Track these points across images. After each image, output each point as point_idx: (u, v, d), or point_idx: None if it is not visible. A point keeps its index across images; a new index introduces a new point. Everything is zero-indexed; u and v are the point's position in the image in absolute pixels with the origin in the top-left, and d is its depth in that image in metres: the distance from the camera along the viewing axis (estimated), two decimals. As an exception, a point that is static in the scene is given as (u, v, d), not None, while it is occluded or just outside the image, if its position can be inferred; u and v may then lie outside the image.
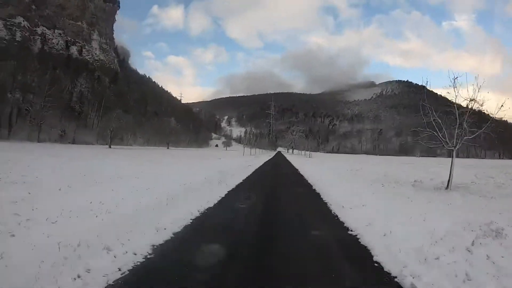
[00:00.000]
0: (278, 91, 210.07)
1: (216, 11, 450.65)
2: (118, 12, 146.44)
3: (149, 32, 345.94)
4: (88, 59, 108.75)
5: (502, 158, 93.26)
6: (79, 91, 77.92)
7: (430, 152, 79.83)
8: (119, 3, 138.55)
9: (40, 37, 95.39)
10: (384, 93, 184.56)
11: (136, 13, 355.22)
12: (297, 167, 22.74)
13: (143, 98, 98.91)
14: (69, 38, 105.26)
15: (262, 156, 48.10)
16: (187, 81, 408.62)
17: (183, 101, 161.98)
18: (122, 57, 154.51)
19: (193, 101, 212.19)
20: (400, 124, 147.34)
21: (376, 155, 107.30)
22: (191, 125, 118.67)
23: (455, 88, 9.69)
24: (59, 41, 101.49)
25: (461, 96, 9.74)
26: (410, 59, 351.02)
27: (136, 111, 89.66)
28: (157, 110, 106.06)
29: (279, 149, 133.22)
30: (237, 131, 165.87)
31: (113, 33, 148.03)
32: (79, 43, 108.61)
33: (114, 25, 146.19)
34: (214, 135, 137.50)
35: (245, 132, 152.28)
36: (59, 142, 56.85)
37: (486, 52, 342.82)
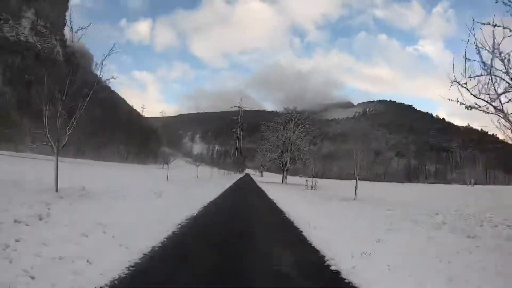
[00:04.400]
0: (248, 109, 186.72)
1: (182, 27, 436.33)
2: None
3: (115, 44, 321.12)
4: (9, 36, 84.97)
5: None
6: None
7: (437, 178, 65.87)
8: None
9: None
10: (368, 112, 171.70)
11: (108, 24, 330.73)
12: None
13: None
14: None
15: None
16: (152, 97, 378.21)
17: (146, 116, 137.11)
18: (71, 52, 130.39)
19: (157, 116, 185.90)
20: (398, 144, 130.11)
21: (397, 182, 74.42)
22: (138, 136, 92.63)
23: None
24: (-33, 6, 77.40)
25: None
26: (381, 84, 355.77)
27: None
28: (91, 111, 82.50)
29: (247, 170, 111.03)
30: (199, 147, 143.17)
31: (64, 23, 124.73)
32: (1, 16, 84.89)
33: (68, 15, 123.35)
34: (169, 150, 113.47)
35: (208, 149, 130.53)
36: None
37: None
